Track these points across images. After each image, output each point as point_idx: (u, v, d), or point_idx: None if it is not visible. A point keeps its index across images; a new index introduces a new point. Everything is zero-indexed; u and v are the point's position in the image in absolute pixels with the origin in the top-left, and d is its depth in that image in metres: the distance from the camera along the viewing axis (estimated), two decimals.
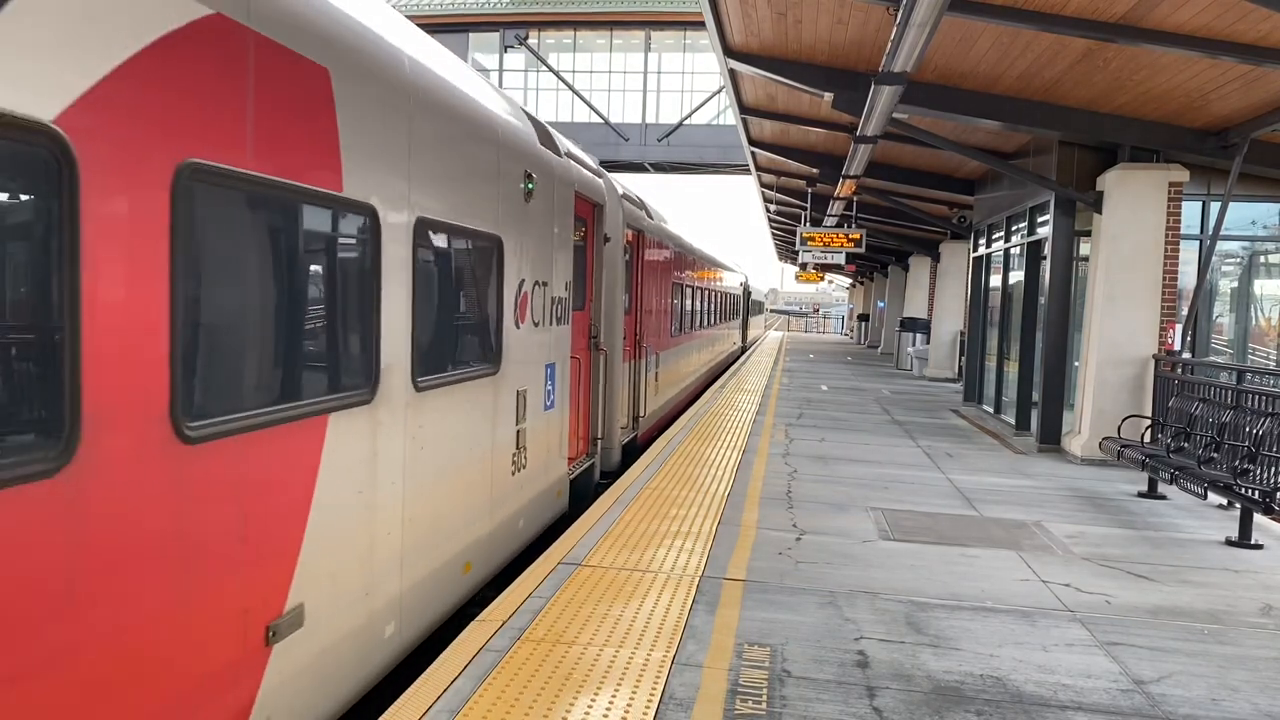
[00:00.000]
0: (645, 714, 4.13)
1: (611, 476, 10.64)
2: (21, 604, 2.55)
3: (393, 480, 4.86)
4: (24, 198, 2.63)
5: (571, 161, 8.62)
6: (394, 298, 4.78)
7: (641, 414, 12.87)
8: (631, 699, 4.27)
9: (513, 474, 6.99)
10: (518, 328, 6.95)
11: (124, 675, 3.01)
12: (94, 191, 2.71)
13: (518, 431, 7.07)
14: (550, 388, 7.96)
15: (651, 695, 4.33)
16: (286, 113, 3.81)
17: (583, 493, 9.48)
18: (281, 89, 3.77)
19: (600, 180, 10.01)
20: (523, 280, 7.06)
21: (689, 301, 18.59)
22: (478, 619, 5.21)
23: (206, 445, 3.31)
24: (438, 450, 5.47)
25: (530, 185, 7.12)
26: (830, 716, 4.24)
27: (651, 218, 13.79)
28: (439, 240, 5.46)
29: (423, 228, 5.12)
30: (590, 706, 4.17)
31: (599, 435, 10.33)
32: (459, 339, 5.97)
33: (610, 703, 4.22)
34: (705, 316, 21.89)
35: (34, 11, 2.47)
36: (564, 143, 8.82)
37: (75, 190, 2.62)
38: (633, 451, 12.14)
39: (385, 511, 4.79)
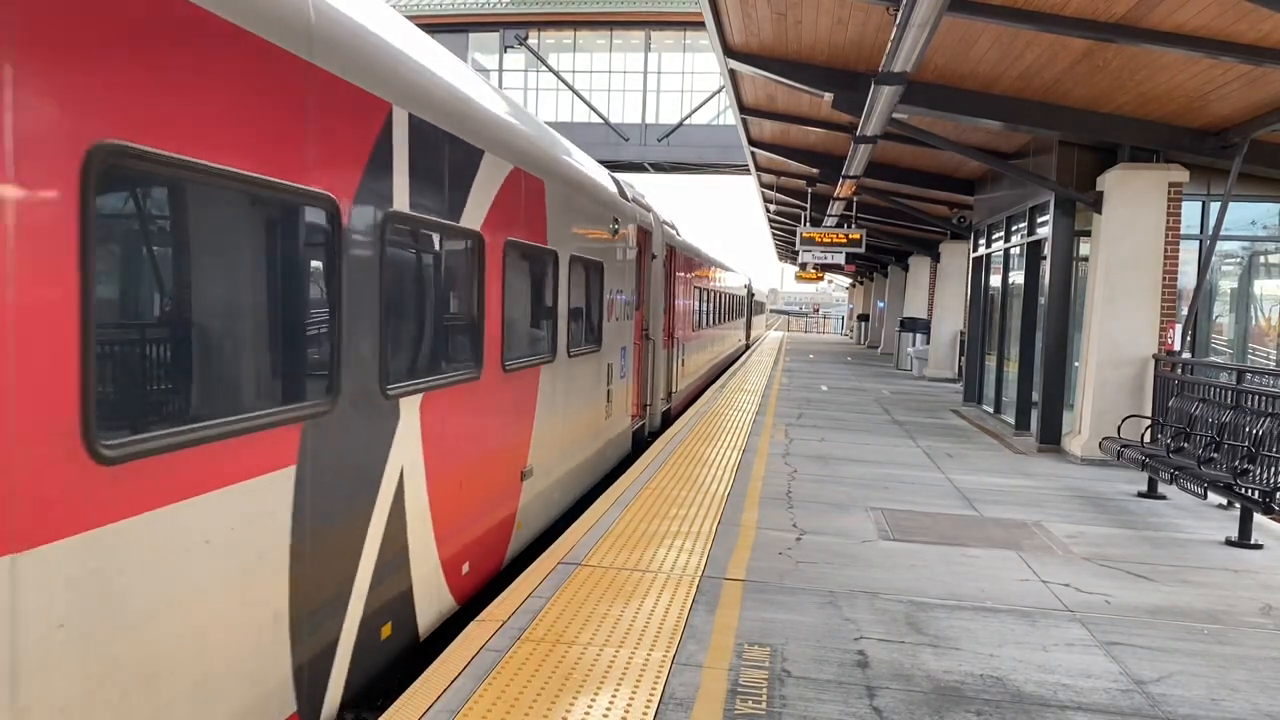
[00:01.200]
0: (645, 714, 4.13)
1: (653, 436, 13.70)
2: (477, 427, 6.13)
3: (560, 407, 8.19)
4: (474, 259, 5.96)
5: (635, 204, 11.96)
6: (561, 304, 8.09)
7: (674, 390, 16.40)
8: (631, 699, 4.28)
9: (605, 419, 10.35)
10: (608, 321, 10.21)
11: (495, 470, 6.50)
12: (486, 255, 6.06)
13: (608, 390, 10.41)
14: (623, 364, 11.33)
15: (651, 695, 4.33)
16: (531, 207, 7.09)
17: (638, 442, 12.78)
18: (530, 196, 7.05)
19: (650, 214, 13.24)
20: (611, 289, 10.27)
21: (706, 302, 22.02)
22: (477, 619, 5.22)
23: (510, 374, 6.64)
24: (578, 394, 8.90)
25: (616, 226, 10.42)
26: (830, 716, 4.25)
27: (679, 235, 17.06)
28: (579, 268, 8.69)
29: (572, 261, 8.32)
30: (590, 706, 4.18)
31: (647, 402, 13.53)
32: (584, 327, 9.14)
33: (610, 703, 4.22)
34: (719, 315, 25.58)
35: (476, 196, 5.93)
36: (631, 190, 12.28)
37: (483, 254, 6.01)
38: (667, 419, 15.53)
39: (558, 424, 8.14)
